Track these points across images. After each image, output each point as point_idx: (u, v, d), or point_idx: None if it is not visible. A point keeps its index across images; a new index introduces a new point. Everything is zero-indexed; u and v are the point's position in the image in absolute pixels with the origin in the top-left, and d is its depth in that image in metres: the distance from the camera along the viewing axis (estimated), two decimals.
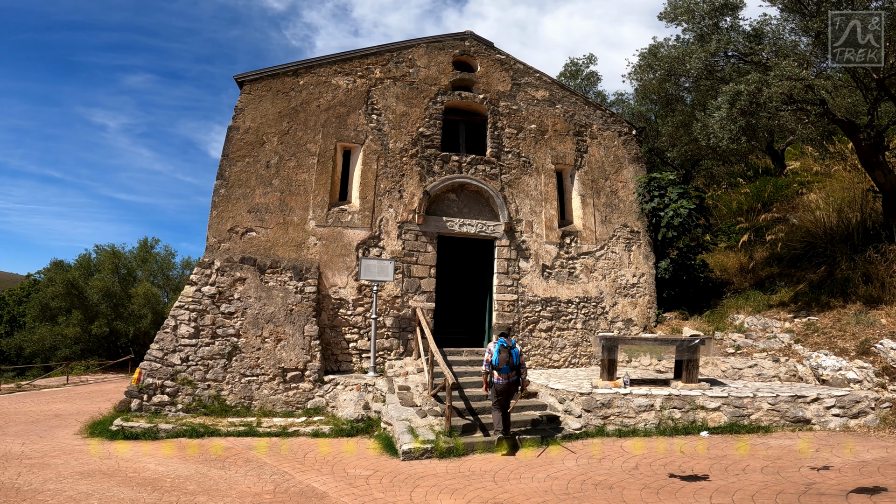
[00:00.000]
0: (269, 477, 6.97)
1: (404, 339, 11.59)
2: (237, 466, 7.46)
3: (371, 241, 11.76)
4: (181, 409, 10.17)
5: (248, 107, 11.69)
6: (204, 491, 6.34)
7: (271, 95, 11.84)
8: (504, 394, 8.15)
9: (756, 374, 10.66)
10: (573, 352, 12.61)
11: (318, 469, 7.33)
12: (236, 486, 6.54)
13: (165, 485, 6.53)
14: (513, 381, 8.15)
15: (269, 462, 7.70)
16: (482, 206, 12.57)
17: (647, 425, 8.80)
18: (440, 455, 7.80)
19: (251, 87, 11.79)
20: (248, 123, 11.61)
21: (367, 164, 12.05)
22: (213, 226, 11.22)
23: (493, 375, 8.19)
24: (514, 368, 8.16)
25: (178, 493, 6.25)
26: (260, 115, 11.71)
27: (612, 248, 13.35)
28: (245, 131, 11.58)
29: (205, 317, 10.63)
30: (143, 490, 6.29)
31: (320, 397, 10.63)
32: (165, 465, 7.42)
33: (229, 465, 7.55)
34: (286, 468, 7.38)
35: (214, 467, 7.40)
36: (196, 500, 6.03)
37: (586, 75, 22.22)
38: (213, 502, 5.96)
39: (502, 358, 8.09)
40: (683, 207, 13.16)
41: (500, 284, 12.27)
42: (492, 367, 8.18)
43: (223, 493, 6.30)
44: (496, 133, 12.98)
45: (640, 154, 14.32)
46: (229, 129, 11.58)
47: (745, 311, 12.84)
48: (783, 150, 19.18)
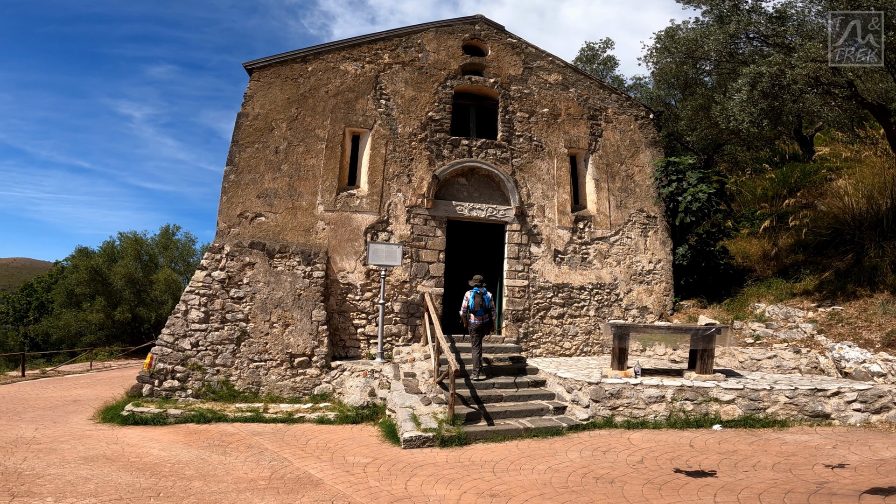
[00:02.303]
0: (268, 463, 6.95)
1: (412, 324, 11.48)
2: (239, 452, 7.47)
3: (379, 225, 11.64)
4: (191, 395, 10.25)
5: (256, 93, 11.61)
6: (201, 476, 6.34)
7: (280, 82, 11.73)
8: (479, 332, 9.79)
9: (775, 366, 10.29)
10: (585, 340, 12.35)
11: (318, 456, 7.29)
12: (234, 472, 6.53)
13: (164, 470, 6.55)
14: (486, 322, 9.81)
15: (270, 448, 7.69)
16: (493, 191, 12.33)
17: (658, 417, 8.55)
18: (442, 444, 7.68)
19: (260, 73, 11.71)
20: (256, 110, 11.54)
21: (376, 148, 11.89)
22: (223, 211, 11.22)
23: (469, 318, 9.81)
24: (487, 311, 9.81)
25: (176, 477, 6.26)
26: (269, 102, 11.62)
27: (627, 233, 12.98)
28: (254, 118, 11.51)
29: (214, 302, 10.67)
30: (142, 475, 6.31)
31: (327, 383, 10.61)
32: (169, 451, 7.46)
33: (231, 450, 7.56)
34: (287, 454, 7.36)
35: (216, 453, 7.41)
36: (192, 484, 6.03)
37: (603, 60, 21.58)
38: (208, 487, 5.95)
39: (476, 302, 9.75)
40: (702, 192, 12.71)
41: (510, 270, 12.05)
42: (468, 310, 9.81)
43: (220, 478, 6.29)
44: (507, 117, 12.67)
45: (657, 138, 13.86)
46: (238, 115, 11.54)
47: (766, 299, 12.40)
48: (812, 136, 18.40)
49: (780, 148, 19.56)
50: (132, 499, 5.55)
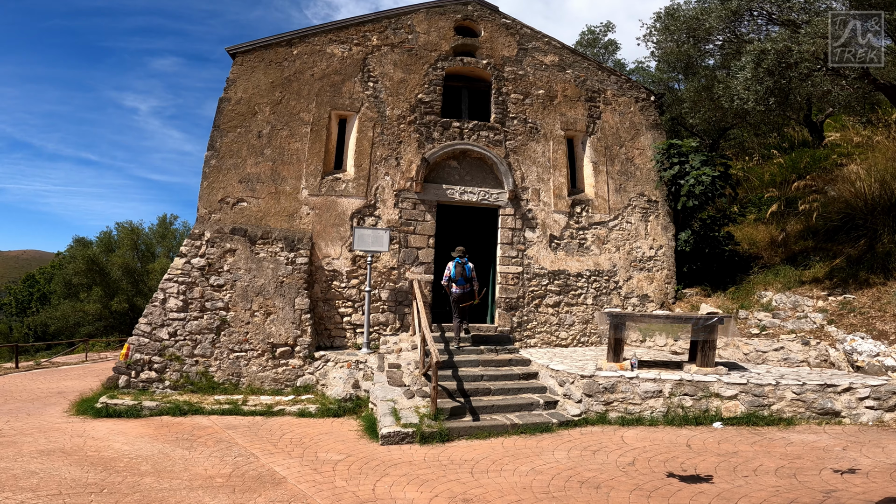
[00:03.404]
0: (233, 459, 6.53)
1: (401, 313, 11.01)
2: (206, 447, 7.05)
3: (366, 210, 11.14)
4: (169, 386, 9.87)
5: (239, 78, 11.13)
6: (156, 472, 5.93)
7: (264, 66, 11.24)
8: (459, 301, 9.97)
9: (782, 359, 9.73)
10: (582, 329, 11.83)
11: (288, 452, 6.86)
12: (193, 468, 6.12)
13: (119, 465, 6.15)
14: (467, 291, 9.97)
15: (241, 443, 7.27)
16: (485, 174, 11.78)
17: (654, 413, 8.03)
18: (422, 440, 7.22)
19: (243, 58, 11.22)
20: (239, 94, 11.07)
21: (363, 131, 11.37)
22: (203, 196, 10.78)
23: (451, 287, 9.95)
24: (468, 281, 9.95)
25: (128, 473, 5.86)
26: (252, 86, 11.14)
27: (627, 217, 12.40)
28: (236, 102, 11.04)
29: (193, 290, 10.25)
30: (93, 470, 5.91)
31: (310, 374, 10.18)
32: (132, 445, 7.07)
33: (199, 445, 7.15)
34: (256, 450, 6.94)
35: (181, 447, 7.01)
36: (143, 481, 5.62)
37: (604, 44, 20.78)
38: (159, 484, 5.54)
39: (458, 272, 9.88)
40: (706, 174, 12.08)
41: (503, 256, 11.52)
42: (450, 280, 9.93)
43: (175, 474, 5.88)
44: (501, 99, 12.09)
45: (658, 121, 13.22)
46: (220, 100, 11.07)
47: (773, 287, 11.79)
48: (822, 123, 17.63)
49: (789, 134, 18.82)
50: (72, 494, 5.16)
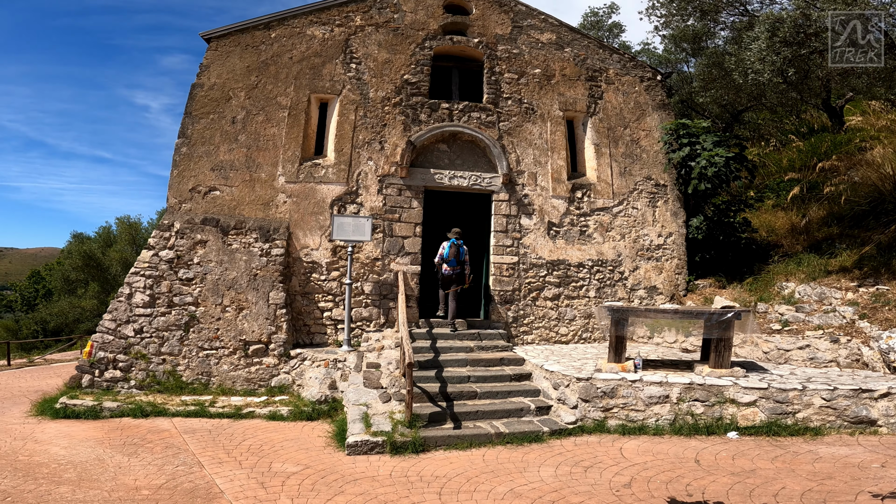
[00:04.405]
0: (174, 468, 5.80)
1: (385, 307, 10.23)
2: (151, 453, 6.34)
3: (347, 197, 10.37)
4: (134, 386, 9.21)
5: (213, 63, 10.44)
6: (78, 480, 5.24)
7: (239, 50, 10.55)
8: (449, 282, 9.81)
9: (808, 358, 8.74)
10: (584, 325, 10.93)
11: (240, 461, 6.11)
12: (122, 477, 5.41)
13: (42, 471, 5.47)
14: (457, 273, 9.76)
15: (192, 449, 6.55)
16: (477, 157, 10.94)
17: (660, 421, 7.12)
18: (393, 451, 6.42)
19: (218, 42, 10.53)
20: (213, 80, 10.38)
21: (344, 114, 10.60)
22: (173, 186, 10.11)
23: (442, 267, 9.76)
24: (460, 263, 9.74)
25: (45, 481, 5.18)
26: (226, 71, 10.45)
27: (632, 203, 11.47)
28: (210, 88, 10.35)
29: (161, 284, 9.58)
30: (11, 476, 5.32)
31: (286, 374, 9.45)
32: (71, 449, 6.38)
33: (145, 451, 6.44)
34: (206, 458, 6.20)
35: (124, 453, 6.31)
36: (57, 490, 4.94)
37: (609, 26, 19.78)
38: (74, 495, 4.87)
39: (451, 253, 9.65)
40: (719, 156, 11.10)
41: (497, 245, 10.67)
42: (442, 259, 9.75)
43: (99, 484, 5.18)
44: (493, 78, 11.23)
45: (666, 101, 12.25)
46: (193, 86, 10.39)
47: (796, 277, 10.76)
48: (841, 108, 16.48)
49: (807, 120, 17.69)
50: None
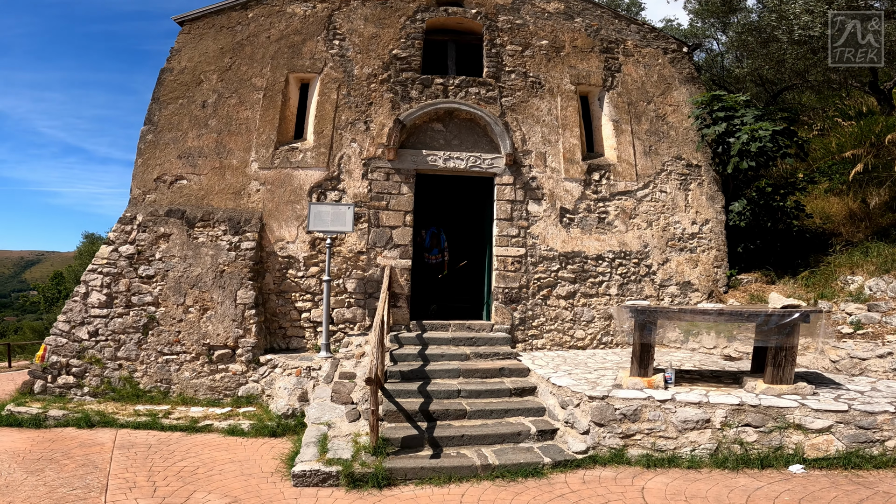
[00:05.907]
0: (67, 492, 4.70)
1: (371, 307, 8.81)
2: (59, 472, 5.16)
3: (328, 183, 9.19)
4: (88, 393, 8.04)
5: (185, 46, 9.66)
6: None
7: (213, 32, 9.77)
8: (433, 270, 9.89)
9: (891, 369, 6.94)
10: (604, 327, 9.25)
11: (156, 488, 4.80)
12: None
13: None
14: (440, 261, 9.90)
15: (114, 469, 5.31)
16: (477, 137, 9.67)
17: (697, 451, 5.46)
18: (350, 484, 4.96)
19: (191, 25, 9.79)
20: (183, 63, 9.57)
21: (325, 94, 9.57)
22: (137, 176, 9.14)
23: (425, 256, 9.87)
24: (442, 252, 9.90)
25: None
26: (198, 54, 9.64)
27: (660, 185, 9.93)
28: (179, 72, 9.53)
29: (119, 282, 8.45)
30: None
31: (255, 382, 8.06)
32: None
33: (55, 468, 5.27)
34: (117, 481, 4.96)
35: (28, 470, 5.17)
36: None
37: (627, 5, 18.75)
38: None
39: (433, 242, 9.86)
40: (764, 129, 9.54)
41: (501, 235, 9.23)
42: (424, 248, 9.83)
43: None
44: (494, 51, 10.10)
45: (694, 74, 10.86)
46: (161, 71, 9.59)
47: (863, 270, 8.93)
48: (890, 90, 14.86)
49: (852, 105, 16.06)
50: None
